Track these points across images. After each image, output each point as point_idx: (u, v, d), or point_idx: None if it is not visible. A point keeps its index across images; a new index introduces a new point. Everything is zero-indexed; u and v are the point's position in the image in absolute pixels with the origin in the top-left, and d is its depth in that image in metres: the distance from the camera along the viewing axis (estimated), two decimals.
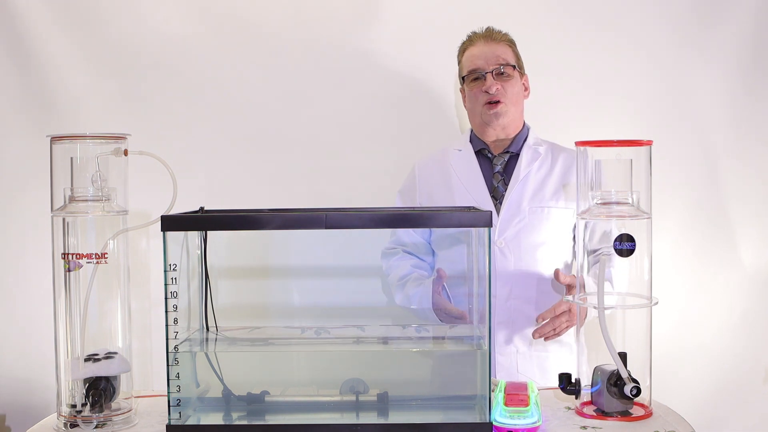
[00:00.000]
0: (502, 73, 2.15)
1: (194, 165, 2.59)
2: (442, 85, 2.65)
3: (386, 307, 2.15)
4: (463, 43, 2.24)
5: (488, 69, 2.14)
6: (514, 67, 2.16)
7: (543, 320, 1.99)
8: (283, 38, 2.64)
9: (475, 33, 2.22)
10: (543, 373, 2.08)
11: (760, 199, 2.69)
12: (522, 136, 2.22)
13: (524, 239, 2.12)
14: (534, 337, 2.01)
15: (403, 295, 2.11)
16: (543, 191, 2.15)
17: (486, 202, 2.14)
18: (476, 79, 2.16)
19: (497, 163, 2.20)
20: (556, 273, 1.96)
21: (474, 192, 2.16)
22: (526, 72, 2.23)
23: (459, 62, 2.25)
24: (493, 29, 2.20)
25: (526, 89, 2.22)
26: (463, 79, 2.21)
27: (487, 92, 2.14)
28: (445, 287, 1.97)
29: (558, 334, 2.01)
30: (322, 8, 2.63)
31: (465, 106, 2.27)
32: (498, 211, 2.13)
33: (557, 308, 1.97)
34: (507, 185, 2.17)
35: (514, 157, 2.20)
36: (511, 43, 2.20)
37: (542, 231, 2.13)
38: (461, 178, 2.20)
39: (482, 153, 2.23)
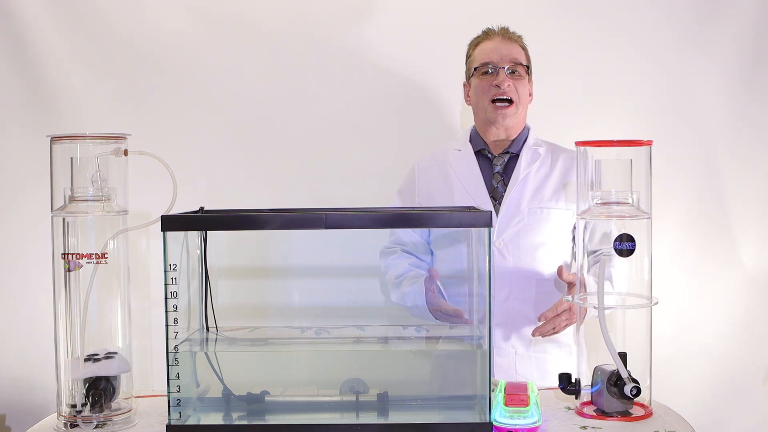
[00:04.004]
0: (515, 72, 2.14)
1: (194, 165, 2.59)
2: (442, 85, 2.65)
3: (386, 307, 2.14)
4: (477, 38, 2.22)
5: (502, 65, 2.13)
6: (526, 69, 2.16)
7: (544, 319, 1.98)
8: (283, 38, 2.64)
9: (491, 29, 2.20)
10: (542, 375, 2.07)
11: (760, 199, 2.69)
12: (522, 137, 2.22)
13: (523, 240, 2.12)
14: (533, 335, 2.01)
15: (399, 293, 2.11)
16: (542, 192, 2.15)
17: (485, 203, 2.13)
18: (487, 73, 2.15)
19: (497, 163, 2.20)
20: (560, 270, 1.95)
21: (473, 192, 2.16)
22: (532, 78, 2.23)
23: (469, 56, 2.23)
24: (509, 29, 2.19)
25: (530, 94, 2.22)
26: (473, 71, 2.19)
27: (497, 87, 2.13)
28: (438, 286, 1.96)
29: (556, 332, 2.01)
30: (322, 8, 2.64)
31: (468, 102, 2.26)
32: (497, 212, 2.13)
33: (558, 307, 1.96)
34: (506, 186, 2.16)
35: (514, 158, 2.20)
36: (525, 47, 2.20)
37: (541, 232, 2.13)
38: (461, 178, 2.19)
39: (482, 153, 2.22)
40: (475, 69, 2.17)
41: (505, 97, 2.13)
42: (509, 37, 2.17)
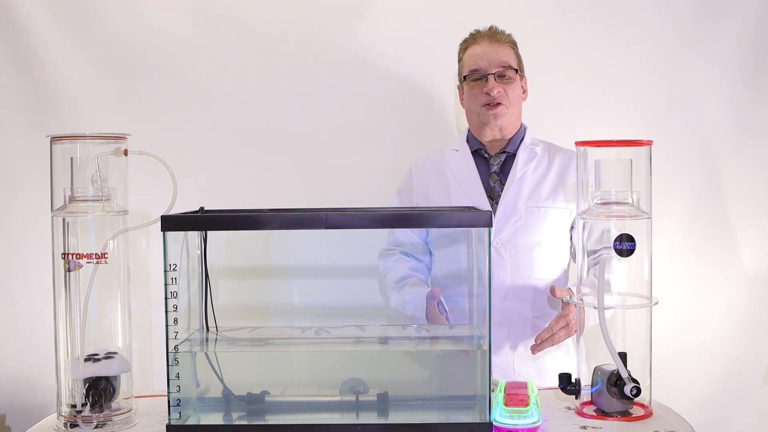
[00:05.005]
0: (504, 76, 2.14)
1: (194, 165, 2.59)
2: (440, 85, 2.65)
3: (386, 308, 2.14)
4: (465, 41, 2.22)
5: (491, 71, 2.13)
6: (516, 70, 2.16)
7: (540, 340, 1.98)
8: (282, 39, 2.64)
9: (478, 32, 2.20)
10: (540, 375, 2.07)
11: (760, 199, 2.69)
12: (519, 136, 2.22)
13: (520, 239, 2.12)
14: (533, 353, 2.00)
15: (399, 299, 2.10)
16: (539, 191, 2.15)
17: (482, 202, 2.13)
18: (477, 79, 2.16)
19: (494, 163, 2.20)
20: (553, 289, 1.96)
21: (470, 192, 2.16)
22: (525, 74, 2.23)
23: (460, 60, 2.24)
24: (496, 29, 2.18)
25: (524, 91, 2.22)
26: (464, 77, 2.21)
27: (487, 94, 2.13)
28: (441, 302, 1.95)
29: (554, 344, 2.00)
30: (320, 9, 2.64)
31: (462, 105, 2.26)
32: (494, 211, 2.13)
33: (554, 326, 1.96)
34: (503, 185, 2.16)
35: (511, 157, 2.20)
36: (514, 45, 2.19)
37: (538, 231, 2.13)
38: (458, 178, 2.19)
39: (479, 153, 2.22)
40: (465, 76, 2.18)
41: (495, 102, 2.13)
42: (497, 39, 2.16)
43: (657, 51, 2.65)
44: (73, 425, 1.54)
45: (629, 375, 1.55)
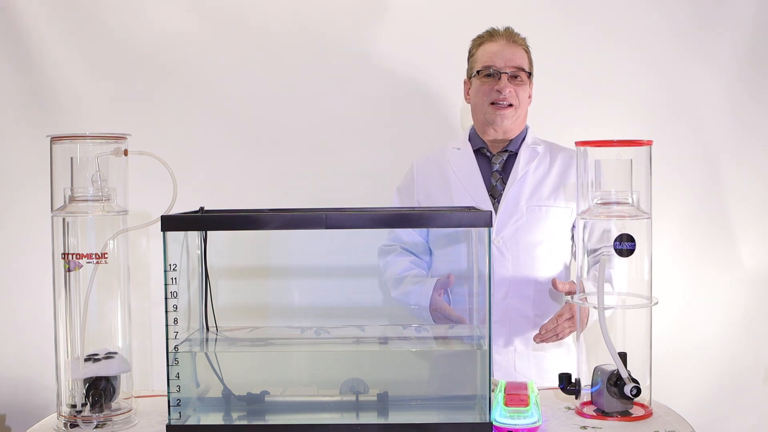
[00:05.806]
0: (517, 77, 2.14)
1: (194, 165, 2.59)
2: (443, 84, 2.65)
3: (386, 307, 2.15)
4: (481, 37, 2.21)
5: (505, 70, 2.13)
6: (528, 74, 2.16)
7: (546, 330, 1.98)
8: (283, 38, 2.64)
9: (495, 30, 2.18)
10: (541, 373, 2.08)
11: (760, 199, 2.69)
12: (521, 136, 2.22)
13: (522, 238, 2.12)
14: (535, 341, 2.01)
15: (402, 290, 2.11)
16: (541, 190, 2.15)
17: (484, 201, 2.14)
18: (489, 75, 2.15)
19: (496, 161, 2.20)
20: (554, 282, 1.96)
21: (472, 190, 2.16)
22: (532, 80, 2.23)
23: (471, 55, 2.22)
24: (513, 30, 2.18)
25: (529, 96, 2.22)
26: (475, 72, 2.19)
27: (498, 92, 2.12)
28: (447, 291, 1.96)
29: (560, 338, 2.01)
30: (322, 8, 2.64)
31: (467, 100, 2.26)
32: (496, 210, 2.13)
33: (559, 318, 1.96)
34: (505, 184, 2.17)
35: (513, 156, 2.20)
36: (528, 49, 2.19)
37: (540, 230, 2.13)
38: (459, 177, 2.19)
39: (481, 152, 2.22)
40: (478, 71, 2.17)
41: (506, 103, 2.13)
42: (514, 40, 2.16)
43: (657, 51, 2.65)
44: (73, 425, 1.54)
45: (629, 375, 1.55)
